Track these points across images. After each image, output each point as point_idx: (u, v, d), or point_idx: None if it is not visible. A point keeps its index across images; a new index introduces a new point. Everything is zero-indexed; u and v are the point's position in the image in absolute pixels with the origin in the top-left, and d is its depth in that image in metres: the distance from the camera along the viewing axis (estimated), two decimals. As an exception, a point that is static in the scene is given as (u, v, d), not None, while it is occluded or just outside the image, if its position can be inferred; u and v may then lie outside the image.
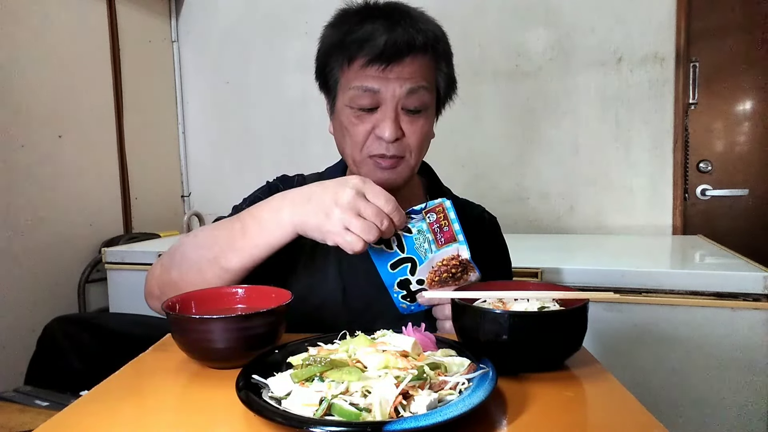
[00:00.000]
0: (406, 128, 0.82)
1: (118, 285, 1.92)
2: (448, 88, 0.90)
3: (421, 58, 0.81)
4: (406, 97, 0.80)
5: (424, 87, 0.81)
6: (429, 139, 0.88)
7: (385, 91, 0.79)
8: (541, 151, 2.16)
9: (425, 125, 0.84)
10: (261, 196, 0.94)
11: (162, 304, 0.65)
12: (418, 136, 0.82)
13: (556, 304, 0.63)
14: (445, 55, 0.87)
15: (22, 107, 1.83)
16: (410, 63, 0.79)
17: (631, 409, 0.51)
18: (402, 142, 0.82)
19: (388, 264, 0.76)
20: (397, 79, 0.79)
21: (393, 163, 0.83)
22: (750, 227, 2.02)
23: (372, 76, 0.79)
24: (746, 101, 1.99)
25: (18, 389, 1.16)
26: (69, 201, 2.00)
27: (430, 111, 0.86)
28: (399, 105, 0.80)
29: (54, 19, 1.96)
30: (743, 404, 1.28)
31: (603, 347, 1.36)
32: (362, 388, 0.47)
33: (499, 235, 1.04)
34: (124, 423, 0.50)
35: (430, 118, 0.86)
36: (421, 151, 0.86)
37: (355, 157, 0.85)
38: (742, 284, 1.28)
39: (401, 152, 0.83)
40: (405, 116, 0.81)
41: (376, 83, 0.79)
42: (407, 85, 0.79)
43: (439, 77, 0.86)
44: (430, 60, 0.84)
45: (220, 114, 2.63)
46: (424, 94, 0.81)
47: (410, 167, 0.86)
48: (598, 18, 2.05)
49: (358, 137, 0.83)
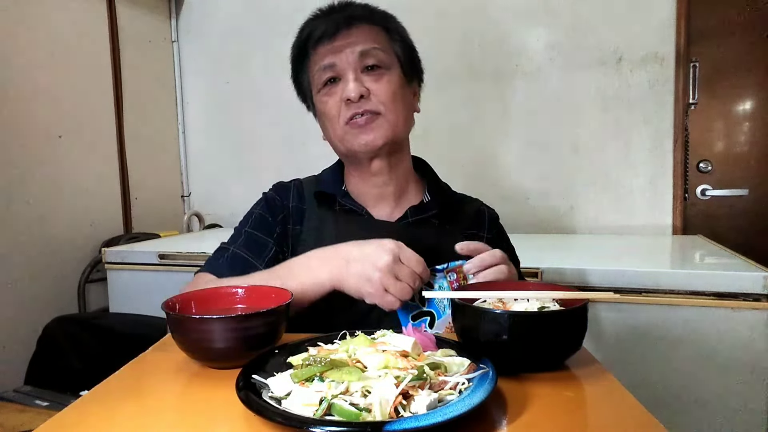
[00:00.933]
0: (370, 86, 0.87)
1: (118, 285, 1.92)
2: (410, 59, 0.94)
3: (367, 27, 0.89)
4: (360, 59, 0.87)
5: (376, 48, 0.88)
6: (403, 99, 0.91)
7: (339, 61, 0.87)
8: (541, 151, 2.16)
9: (390, 81, 0.88)
10: (261, 213, 0.96)
11: (162, 304, 0.65)
12: (384, 90, 0.87)
13: (556, 304, 0.63)
14: (396, 28, 0.94)
15: (22, 107, 1.83)
16: (356, 31, 0.88)
17: (631, 409, 0.51)
18: (370, 99, 0.87)
19: (410, 315, 0.82)
20: (347, 47, 0.87)
21: (369, 119, 0.87)
22: (750, 227, 2.02)
23: (325, 53, 0.88)
24: (746, 101, 1.99)
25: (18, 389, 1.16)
26: (69, 201, 2.00)
27: (394, 71, 0.90)
28: (357, 68, 0.87)
29: (54, 19, 1.96)
30: (743, 404, 1.28)
31: (603, 347, 1.36)
32: (362, 388, 0.47)
33: (501, 229, 1.04)
34: (124, 423, 0.50)
35: (395, 76, 0.90)
36: (396, 107, 0.89)
37: (337, 131, 0.90)
38: (742, 284, 1.28)
39: (375, 107, 0.87)
40: (367, 76, 0.88)
41: (330, 58, 0.88)
42: (357, 48, 0.87)
43: (395, 45, 0.92)
44: (378, 28, 0.91)
45: (220, 114, 2.62)
46: (378, 53, 0.88)
47: (390, 124, 0.88)
48: (598, 18, 2.05)
49: (333, 110, 0.89)
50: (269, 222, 0.95)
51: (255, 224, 0.96)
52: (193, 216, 2.59)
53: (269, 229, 0.95)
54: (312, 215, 0.95)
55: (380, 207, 0.96)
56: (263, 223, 0.96)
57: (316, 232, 0.94)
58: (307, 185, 1.01)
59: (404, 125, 0.92)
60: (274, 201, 0.98)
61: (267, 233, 0.94)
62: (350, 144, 0.89)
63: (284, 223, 0.96)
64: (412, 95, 0.96)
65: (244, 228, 0.96)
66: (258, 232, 0.95)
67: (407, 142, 0.98)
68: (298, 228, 0.95)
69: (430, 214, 0.96)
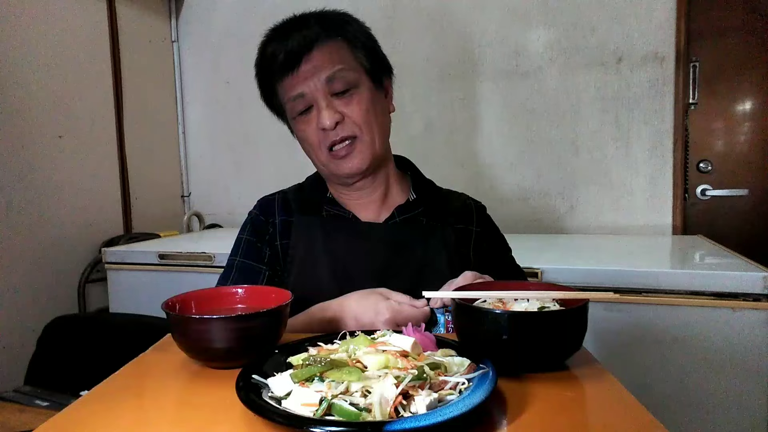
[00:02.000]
0: (343, 110, 0.87)
1: (118, 285, 1.92)
2: (375, 62, 0.93)
3: (327, 46, 0.87)
4: (328, 84, 0.86)
5: (342, 68, 0.86)
6: (376, 113, 0.90)
7: (308, 90, 0.86)
8: (541, 151, 2.16)
9: (362, 101, 0.87)
10: (248, 239, 0.97)
11: (162, 304, 0.65)
12: (357, 112, 0.87)
13: (556, 304, 0.63)
14: (354, 33, 0.91)
15: (22, 107, 1.83)
16: (317, 54, 0.86)
17: (631, 409, 0.51)
18: (345, 123, 0.87)
19: None
20: (312, 73, 0.86)
21: (348, 148, 0.87)
22: (750, 227, 2.02)
23: (292, 84, 0.87)
24: (746, 101, 1.99)
25: (18, 389, 1.16)
26: (69, 201, 2.00)
27: (363, 88, 0.89)
28: (326, 94, 0.86)
29: (54, 19, 1.96)
30: (743, 404, 1.28)
31: (603, 347, 1.36)
32: (362, 388, 0.47)
33: (489, 221, 1.04)
34: (124, 423, 0.50)
35: (366, 94, 0.89)
36: (371, 126, 0.88)
37: (320, 158, 0.90)
38: (742, 284, 1.28)
39: (350, 132, 0.87)
40: (338, 100, 0.87)
41: (299, 87, 0.86)
42: (322, 74, 0.85)
43: (358, 54, 0.90)
44: (337, 44, 0.88)
45: (220, 114, 2.62)
46: (345, 74, 0.86)
47: (368, 145, 0.89)
48: (598, 18, 2.05)
49: (312, 138, 0.89)
50: (258, 247, 0.96)
51: (245, 253, 0.96)
52: (193, 216, 2.59)
53: (259, 255, 0.95)
54: (299, 224, 0.95)
55: (367, 210, 0.96)
56: (252, 249, 0.96)
57: (305, 239, 0.94)
58: (293, 194, 1.01)
59: (382, 139, 0.91)
60: (259, 222, 0.98)
61: (257, 259, 0.95)
62: (335, 171, 0.90)
63: (272, 242, 0.96)
64: (384, 100, 0.95)
65: (236, 258, 0.96)
66: (249, 260, 0.95)
67: (389, 148, 0.98)
68: (286, 242, 0.95)
69: (418, 212, 0.96)
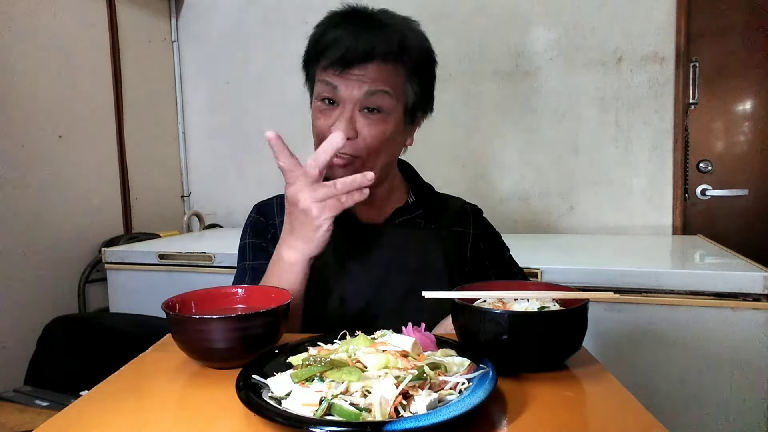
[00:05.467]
0: (362, 129, 0.84)
1: (118, 285, 1.92)
2: (421, 101, 0.90)
3: (385, 65, 0.83)
4: (365, 97, 0.82)
5: (385, 92, 0.83)
6: (392, 143, 0.87)
7: (343, 90, 0.83)
8: (541, 151, 2.16)
9: (384, 128, 0.84)
10: (253, 242, 0.96)
11: (162, 304, 0.65)
12: (374, 137, 0.84)
13: (556, 304, 0.63)
14: (419, 65, 0.88)
15: (22, 107, 1.83)
16: (373, 68, 0.82)
17: (631, 409, 0.51)
18: (357, 142, 0.83)
19: None
20: (357, 81, 0.82)
21: (347, 161, 0.84)
22: (750, 227, 2.02)
23: (335, 75, 0.83)
24: (746, 101, 1.99)
25: (18, 389, 1.16)
26: (69, 201, 2.00)
27: (393, 117, 0.85)
28: (356, 106, 0.83)
29: (54, 19, 1.96)
30: (743, 404, 1.28)
31: (603, 347, 1.36)
32: (362, 388, 0.47)
33: (486, 223, 1.04)
34: (124, 423, 0.50)
35: (391, 123, 0.85)
36: (379, 154, 0.86)
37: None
38: (742, 284, 1.28)
39: (356, 152, 0.84)
40: (363, 118, 0.84)
41: (337, 81, 0.83)
42: (365, 87, 0.82)
43: (408, 88, 0.87)
44: (397, 68, 0.84)
45: (220, 114, 2.62)
46: (383, 98, 0.83)
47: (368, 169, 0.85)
48: (598, 18, 2.05)
49: (320, 131, 0.87)
50: (264, 247, 0.95)
51: (254, 256, 0.95)
52: (193, 216, 2.59)
53: (267, 255, 0.93)
54: None
55: (366, 211, 0.96)
56: (260, 251, 0.95)
57: None
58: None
59: (383, 168, 0.89)
60: (259, 224, 0.97)
61: (267, 259, 0.93)
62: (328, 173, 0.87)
63: (274, 242, 0.95)
64: (405, 132, 0.92)
65: (247, 262, 0.94)
66: (261, 261, 0.93)
67: (392, 167, 0.96)
68: None
69: (416, 215, 0.96)
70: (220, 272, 1.76)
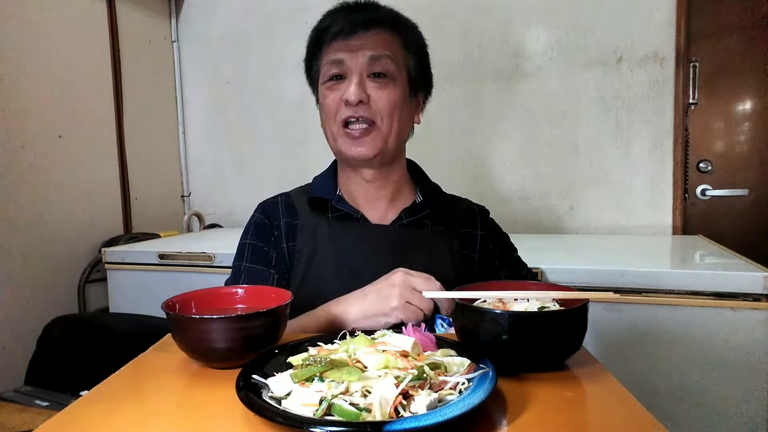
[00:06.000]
0: (372, 93, 0.88)
1: (118, 285, 1.92)
2: (421, 73, 0.95)
3: (385, 33, 0.89)
4: (370, 63, 0.88)
5: (387, 56, 0.88)
6: (401, 111, 0.91)
7: (349, 60, 0.88)
8: (541, 151, 2.16)
9: (393, 92, 0.89)
10: (254, 244, 0.96)
11: (162, 304, 0.65)
12: (385, 100, 0.88)
13: (556, 304, 0.63)
14: (414, 40, 0.94)
15: (22, 107, 1.83)
16: (373, 35, 0.88)
17: (631, 409, 0.51)
18: (369, 106, 0.88)
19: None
20: (360, 50, 0.88)
21: (364, 131, 0.88)
22: (750, 227, 2.02)
23: (338, 49, 0.89)
24: (746, 101, 1.99)
25: (18, 389, 1.16)
26: (69, 201, 2.00)
27: (399, 83, 0.90)
28: (364, 73, 0.88)
29: (54, 19, 1.96)
30: (743, 404, 1.28)
31: (603, 347, 1.36)
32: (362, 388, 0.47)
33: (493, 224, 1.05)
34: (124, 423, 0.50)
35: (398, 89, 0.90)
36: (392, 119, 0.89)
37: (332, 128, 0.91)
38: (742, 284, 1.28)
39: (370, 116, 0.88)
40: (371, 83, 0.88)
41: (342, 54, 0.88)
42: (369, 52, 0.87)
43: (408, 56, 0.92)
44: (395, 37, 0.91)
45: (220, 114, 2.62)
46: (387, 62, 0.88)
47: (383, 136, 0.89)
48: (598, 18, 2.05)
49: (331, 106, 0.90)
50: (264, 251, 0.95)
51: (251, 258, 0.95)
52: (193, 216, 2.59)
53: (266, 259, 0.94)
54: (306, 225, 0.95)
55: (374, 209, 0.97)
56: (258, 254, 0.95)
57: (312, 241, 0.93)
58: (297, 197, 1.00)
59: (397, 137, 0.91)
60: (263, 225, 0.97)
61: (265, 263, 0.94)
62: (342, 149, 0.91)
63: (278, 244, 0.95)
64: (413, 108, 0.96)
65: (243, 263, 0.95)
66: (256, 265, 0.94)
67: (403, 150, 0.99)
68: (292, 244, 0.94)
69: (424, 215, 0.96)
70: (220, 272, 1.76)
